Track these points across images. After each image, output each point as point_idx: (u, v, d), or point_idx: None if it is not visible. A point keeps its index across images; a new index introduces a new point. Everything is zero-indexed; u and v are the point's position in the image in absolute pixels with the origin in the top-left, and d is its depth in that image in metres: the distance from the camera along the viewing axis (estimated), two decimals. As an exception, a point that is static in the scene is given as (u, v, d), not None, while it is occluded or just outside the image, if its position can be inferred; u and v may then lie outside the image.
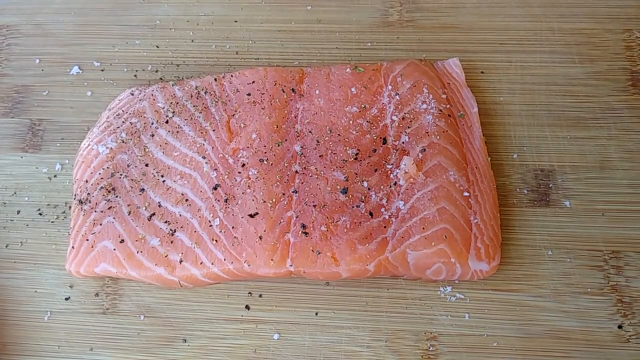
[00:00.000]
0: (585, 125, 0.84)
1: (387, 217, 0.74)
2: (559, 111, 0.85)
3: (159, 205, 0.78)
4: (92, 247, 0.76)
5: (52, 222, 0.83)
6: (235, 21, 0.95)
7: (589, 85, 0.86)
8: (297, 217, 0.74)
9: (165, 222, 0.77)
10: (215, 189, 0.78)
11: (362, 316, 0.75)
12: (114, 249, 0.76)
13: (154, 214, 0.77)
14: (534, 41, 0.89)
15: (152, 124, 0.83)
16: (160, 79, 0.91)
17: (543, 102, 0.85)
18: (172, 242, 0.76)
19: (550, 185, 0.81)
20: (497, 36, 0.90)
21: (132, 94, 0.86)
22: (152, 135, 0.82)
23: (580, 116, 0.84)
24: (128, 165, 0.81)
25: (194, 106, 0.83)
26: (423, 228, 0.72)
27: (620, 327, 0.73)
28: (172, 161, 0.80)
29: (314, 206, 0.74)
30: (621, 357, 0.71)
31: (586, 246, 0.77)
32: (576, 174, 0.81)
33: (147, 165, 0.80)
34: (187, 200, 0.78)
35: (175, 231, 0.76)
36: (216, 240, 0.75)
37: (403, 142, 0.77)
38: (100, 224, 0.77)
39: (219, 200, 0.77)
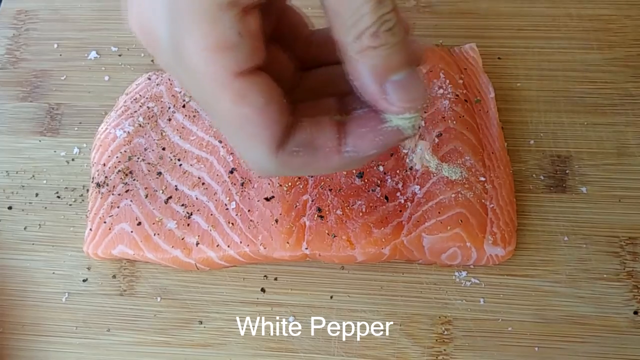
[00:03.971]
0: (603, 111, 0.83)
1: (402, 201, 0.74)
2: (576, 97, 0.84)
3: (176, 189, 0.78)
4: (110, 229, 0.77)
5: (70, 205, 0.84)
6: (251, 7, 0.95)
7: (607, 71, 0.85)
8: (312, 201, 0.75)
9: (182, 205, 0.77)
10: (231, 172, 0.78)
11: (377, 300, 0.76)
12: (132, 232, 0.76)
13: (170, 197, 0.78)
14: (551, 27, 0.89)
15: (169, 108, 0.83)
16: (177, 64, 0.92)
17: (560, 88, 0.85)
18: (188, 224, 0.76)
19: (567, 172, 0.80)
20: (514, 22, 0.89)
21: (149, 79, 0.86)
22: (169, 120, 0.83)
23: (598, 102, 0.84)
24: (145, 149, 0.81)
25: (210, 91, 0.84)
26: (439, 212, 0.72)
27: (636, 312, 0.72)
28: (188, 145, 0.81)
29: (330, 190, 0.75)
30: (637, 343, 0.71)
31: (602, 232, 0.77)
32: (593, 161, 0.80)
33: (164, 149, 0.81)
34: (203, 183, 0.78)
35: (191, 214, 0.77)
36: (232, 224, 0.75)
37: (419, 127, 0.77)
38: (118, 207, 0.78)
39: (235, 184, 0.77)
